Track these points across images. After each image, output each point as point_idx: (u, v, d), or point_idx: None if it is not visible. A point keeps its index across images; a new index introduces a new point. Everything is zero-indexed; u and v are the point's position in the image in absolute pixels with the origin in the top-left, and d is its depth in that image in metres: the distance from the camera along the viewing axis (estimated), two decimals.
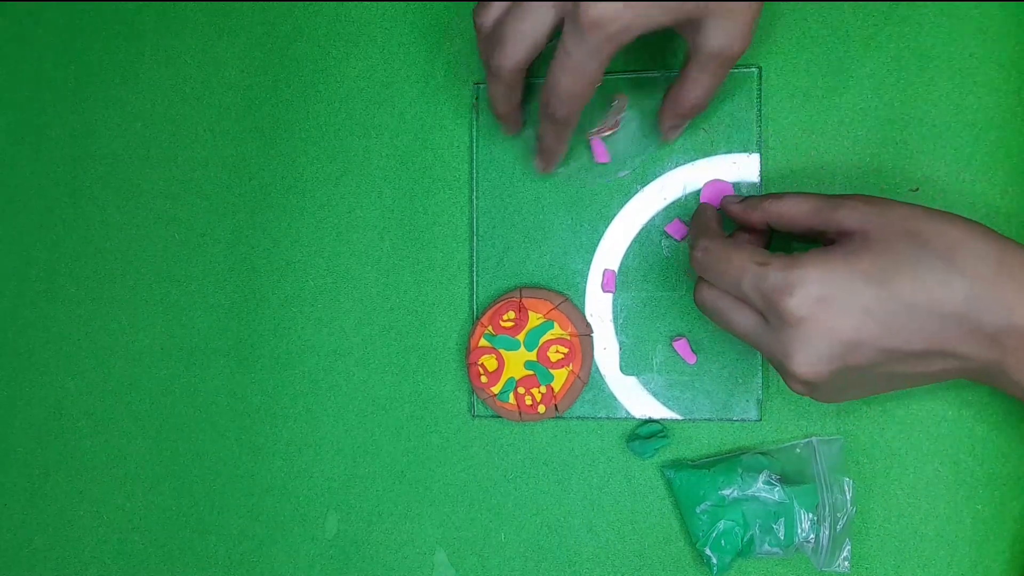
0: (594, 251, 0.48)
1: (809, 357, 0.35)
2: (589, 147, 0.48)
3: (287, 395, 0.52)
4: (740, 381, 0.46)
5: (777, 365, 0.38)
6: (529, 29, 0.38)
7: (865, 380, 0.37)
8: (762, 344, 0.37)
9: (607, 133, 0.47)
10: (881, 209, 0.36)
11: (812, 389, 0.37)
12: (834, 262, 0.35)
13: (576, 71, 0.38)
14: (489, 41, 0.40)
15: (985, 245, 0.34)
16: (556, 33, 0.39)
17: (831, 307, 0.34)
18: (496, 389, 0.47)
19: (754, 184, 0.46)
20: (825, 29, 0.46)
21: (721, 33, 0.37)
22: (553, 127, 0.42)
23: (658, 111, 0.45)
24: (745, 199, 0.42)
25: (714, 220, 0.42)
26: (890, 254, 0.34)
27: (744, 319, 0.38)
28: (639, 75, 0.48)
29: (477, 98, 0.50)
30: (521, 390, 0.47)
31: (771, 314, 0.36)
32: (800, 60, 0.46)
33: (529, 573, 0.49)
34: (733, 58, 0.39)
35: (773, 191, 0.47)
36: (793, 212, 0.39)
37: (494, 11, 0.40)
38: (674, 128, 0.45)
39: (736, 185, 0.46)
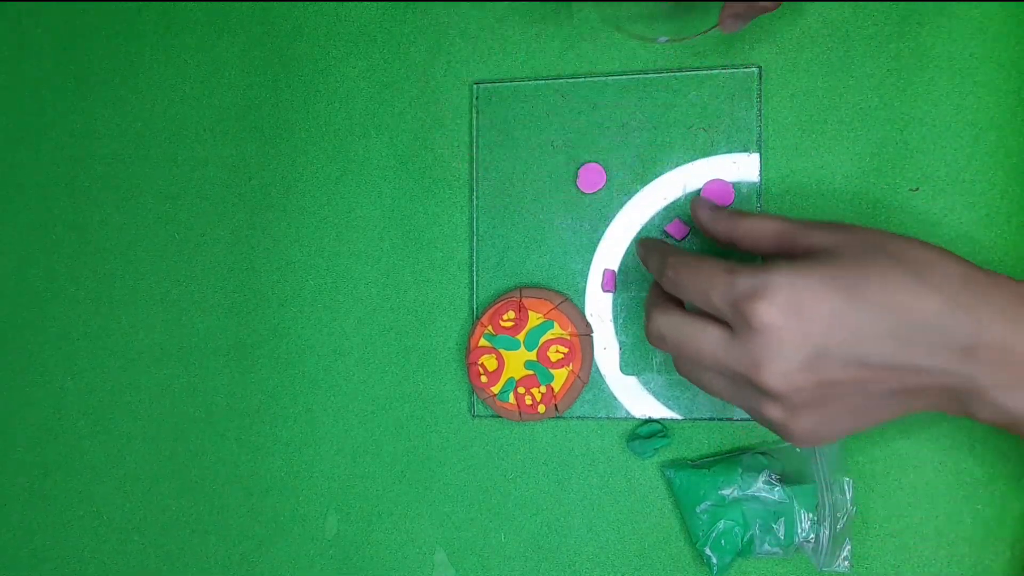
0: (594, 251, 0.48)
1: (779, 365, 0.34)
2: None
3: (287, 395, 0.52)
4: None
5: (746, 390, 0.36)
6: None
7: (842, 405, 0.36)
8: (730, 361, 0.36)
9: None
10: (849, 229, 0.37)
11: (788, 414, 0.36)
12: (803, 269, 0.34)
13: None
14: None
15: (951, 264, 0.35)
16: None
17: (800, 312, 0.34)
18: (496, 389, 0.47)
19: (754, 184, 0.46)
20: (825, 29, 0.46)
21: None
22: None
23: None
24: (715, 207, 0.42)
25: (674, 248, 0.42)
26: (859, 266, 0.34)
27: (710, 336, 0.37)
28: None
29: (477, 98, 0.50)
30: (521, 390, 0.47)
31: (739, 322, 0.35)
32: (800, 60, 0.46)
33: (529, 573, 0.49)
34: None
35: (773, 192, 0.47)
36: (760, 231, 0.39)
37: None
38: (735, 18, 0.43)
39: (736, 185, 0.46)
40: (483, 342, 0.48)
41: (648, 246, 0.42)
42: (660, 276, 0.39)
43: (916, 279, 0.34)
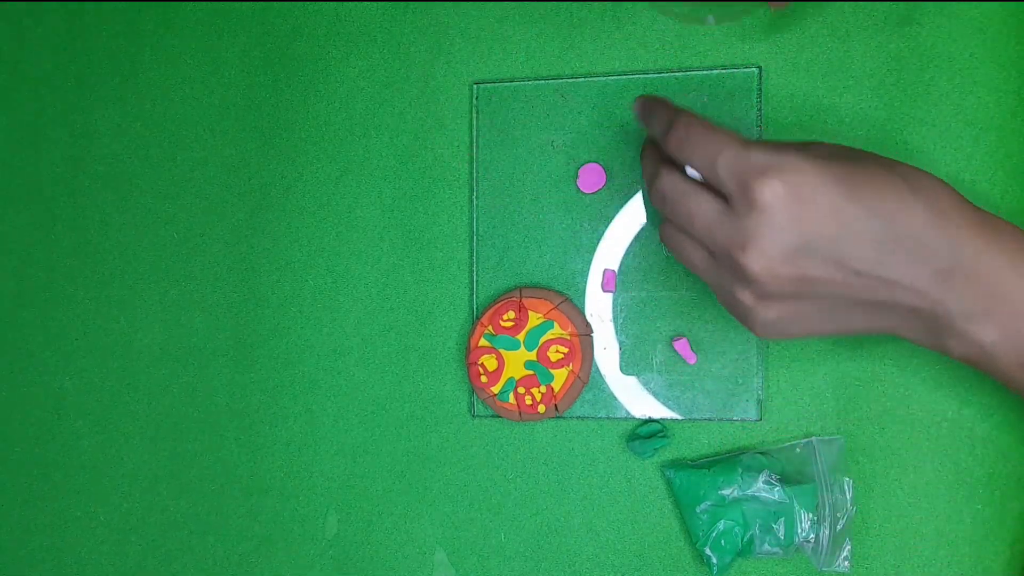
0: (594, 251, 0.48)
1: (767, 248, 0.34)
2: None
3: (287, 395, 0.52)
4: (740, 381, 0.46)
5: (724, 268, 0.36)
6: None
7: (811, 304, 0.36)
8: (718, 234, 0.36)
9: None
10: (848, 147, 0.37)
11: (757, 300, 0.36)
12: (814, 157, 0.34)
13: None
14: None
15: (944, 188, 0.35)
16: None
17: (802, 199, 0.33)
18: (496, 389, 0.47)
19: None
20: (825, 29, 0.46)
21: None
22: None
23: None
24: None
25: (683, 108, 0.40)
26: (860, 167, 0.34)
27: (708, 204, 0.36)
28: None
29: (477, 98, 0.50)
30: (521, 390, 0.47)
31: (740, 196, 0.34)
32: (800, 60, 0.46)
33: (529, 573, 0.49)
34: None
35: None
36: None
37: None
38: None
39: None
40: (483, 342, 0.48)
41: (651, 102, 0.40)
42: (666, 133, 0.38)
43: (910, 192, 0.34)
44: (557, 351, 0.47)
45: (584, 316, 0.48)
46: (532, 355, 0.47)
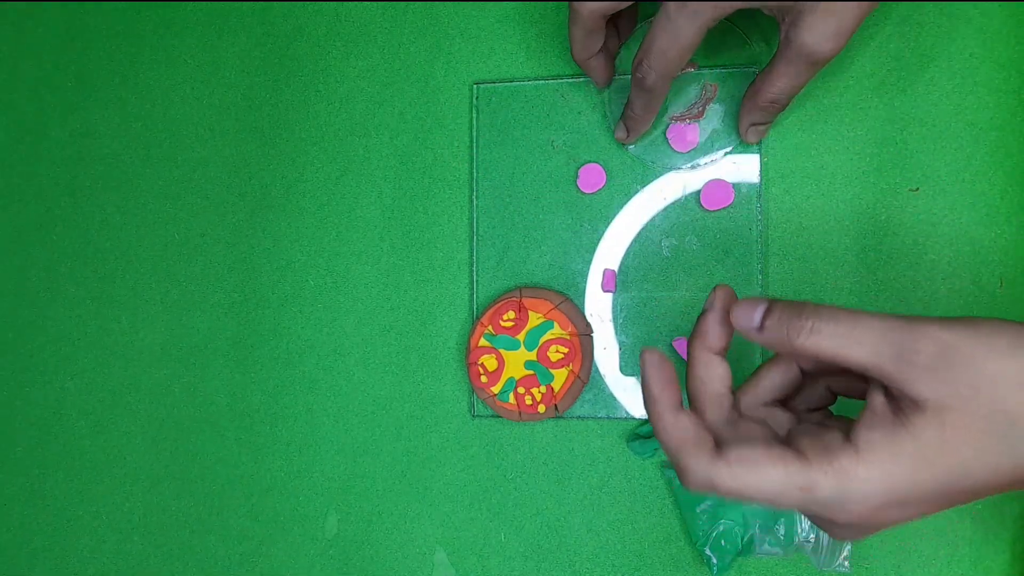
0: (594, 251, 0.48)
1: (857, 537, 0.32)
2: (666, 131, 0.47)
3: (287, 395, 0.52)
4: (739, 380, 0.46)
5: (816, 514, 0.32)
6: None
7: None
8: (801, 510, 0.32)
9: (690, 120, 0.47)
10: (965, 377, 0.28)
11: (857, 536, 0.33)
12: (903, 460, 0.29)
13: (674, 34, 0.38)
14: None
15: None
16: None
17: (893, 509, 0.30)
18: (496, 389, 0.47)
19: (754, 184, 0.46)
20: None
21: (816, 29, 0.36)
22: (642, 95, 0.42)
23: (739, 110, 0.45)
24: (766, 317, 0.33)
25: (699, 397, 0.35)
26: (971, 436, 0.29)
27: (787, 499, 0.31)
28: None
29: (477, 98, 0.50)
30: (521, 390, 0.47)
31: (818, 520, 0.32)
32: None
33: (529, 573, 0.49)
34: (822, 59, 0.38)
35: (773, 192, 0.47)
36: (843, 356, 0.30)
37: None
38: (754, 128, 0.44)
39: (736, 185, 0.46)
40: (483, 342, 0.48)
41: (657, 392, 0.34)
42: (681, 475, 0.33)
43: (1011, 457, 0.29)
44: (557, 351, 0.47)
45: (584, 316, 0.48)
46: (532, 355, 0.47)
